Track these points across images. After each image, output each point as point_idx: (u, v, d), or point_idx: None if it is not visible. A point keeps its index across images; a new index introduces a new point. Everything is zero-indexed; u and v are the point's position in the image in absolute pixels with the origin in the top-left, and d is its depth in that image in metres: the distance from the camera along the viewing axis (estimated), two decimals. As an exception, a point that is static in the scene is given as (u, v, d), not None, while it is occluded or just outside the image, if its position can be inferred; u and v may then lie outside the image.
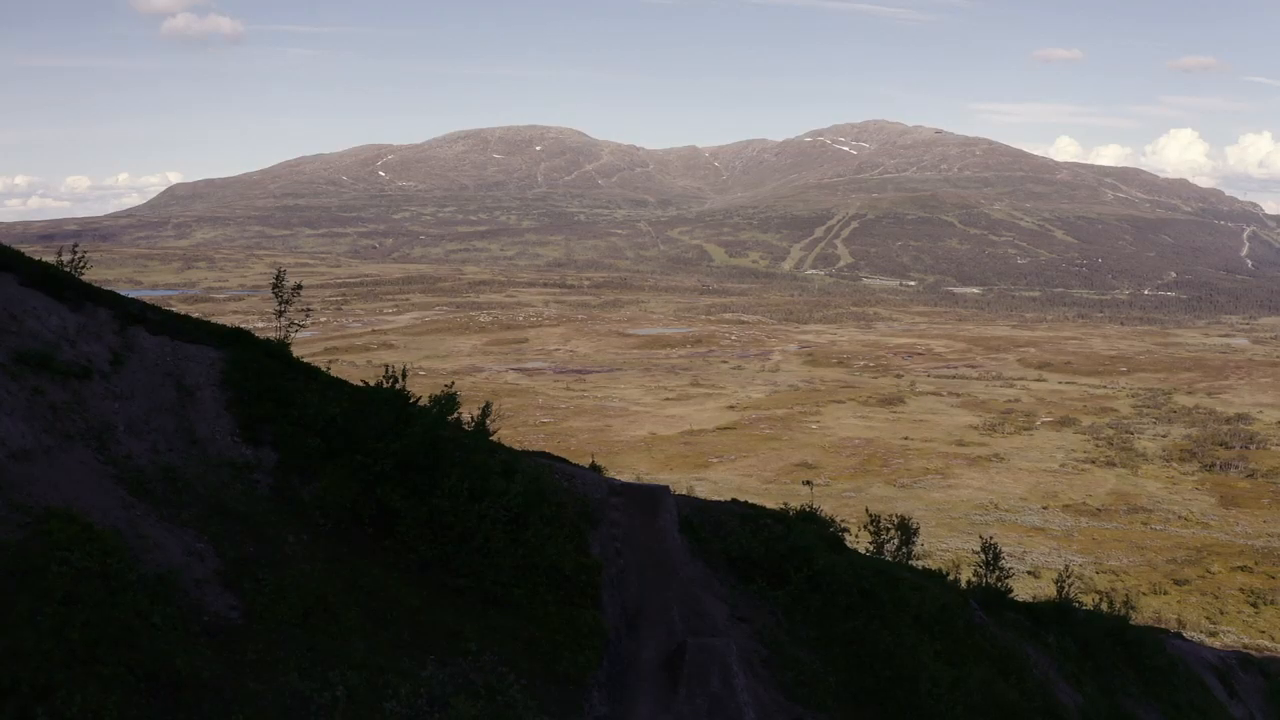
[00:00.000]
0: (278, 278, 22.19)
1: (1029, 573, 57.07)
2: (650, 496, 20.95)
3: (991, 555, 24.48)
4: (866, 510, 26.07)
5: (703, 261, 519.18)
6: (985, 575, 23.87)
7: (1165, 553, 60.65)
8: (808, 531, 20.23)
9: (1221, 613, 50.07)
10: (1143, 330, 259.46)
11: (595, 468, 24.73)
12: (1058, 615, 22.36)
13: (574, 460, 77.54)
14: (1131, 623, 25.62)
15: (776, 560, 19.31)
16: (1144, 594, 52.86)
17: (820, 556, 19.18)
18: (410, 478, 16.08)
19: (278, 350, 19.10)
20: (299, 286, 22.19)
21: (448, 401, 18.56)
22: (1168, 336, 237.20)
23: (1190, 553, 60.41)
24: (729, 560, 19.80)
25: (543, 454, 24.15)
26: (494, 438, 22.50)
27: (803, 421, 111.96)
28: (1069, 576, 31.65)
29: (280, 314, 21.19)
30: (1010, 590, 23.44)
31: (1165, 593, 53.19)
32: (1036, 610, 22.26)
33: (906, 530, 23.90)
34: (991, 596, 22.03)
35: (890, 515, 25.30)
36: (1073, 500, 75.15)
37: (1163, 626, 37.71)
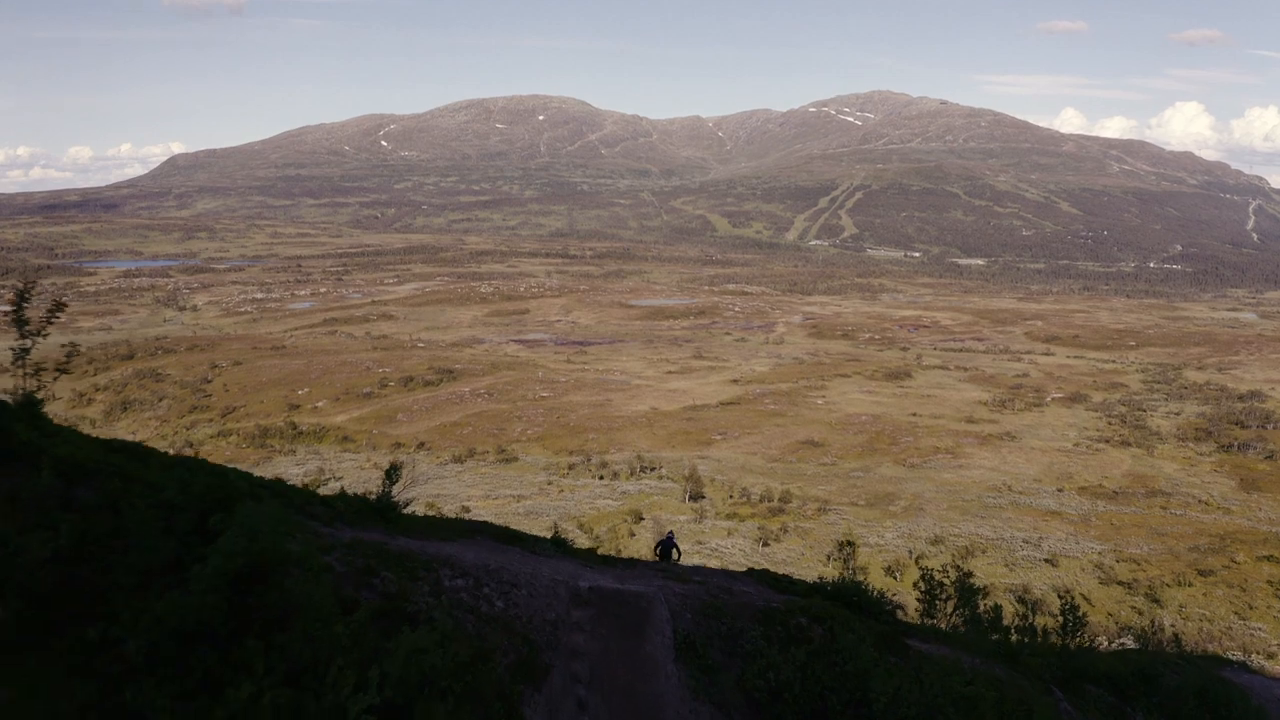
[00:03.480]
0: (20, 294, 11.89)
1: (1046, 561, 54.93)
2: (633, 609, 14.17)
3: (1072, 619, 19.48)
4: (916, 562, 23.59)
5: (706, 232, 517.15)
6: (1065, 639, 19.17)
7: (1187, 540, 58.38)
8: (858, 636, 14.34)
9: (1250, 607, 47.84)
10: (1149, 303, 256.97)
11: (557, 542, 18.07)
12: (1143, 684, 18.46)
13: (572, 438, 74.80)
14: (1214, 674, 22.08)
15: (818, 693, 13.30)
16: (1168, 585, 50.74)
17: (878, 681, 13.35)
18: (195, 660, 8.36)
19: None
20: (61, 305, 12.16)
21: (264, 516, 9.28)
22: (1175, 310, 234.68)
23: (1213, 540, 58.11)
24: (748, 698, 13.56)
25: (480, 527, 17.96)
26: (411, 507, 16.57)
27: (807, 396, 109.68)
28: (1153, 633, 28.32)
29: (20, 359, 11.58)
30: (1094, 663, 19.12)
31: (1190, 584, 50.92)
32: (1119, 681, 18.49)
33: (967, 592, 19.36)
34: (1072, 669, 17.93)
35: (941, 568, 21.80)
36: (1088, 482, 72.82)
37: (1226, 656, 35.34)
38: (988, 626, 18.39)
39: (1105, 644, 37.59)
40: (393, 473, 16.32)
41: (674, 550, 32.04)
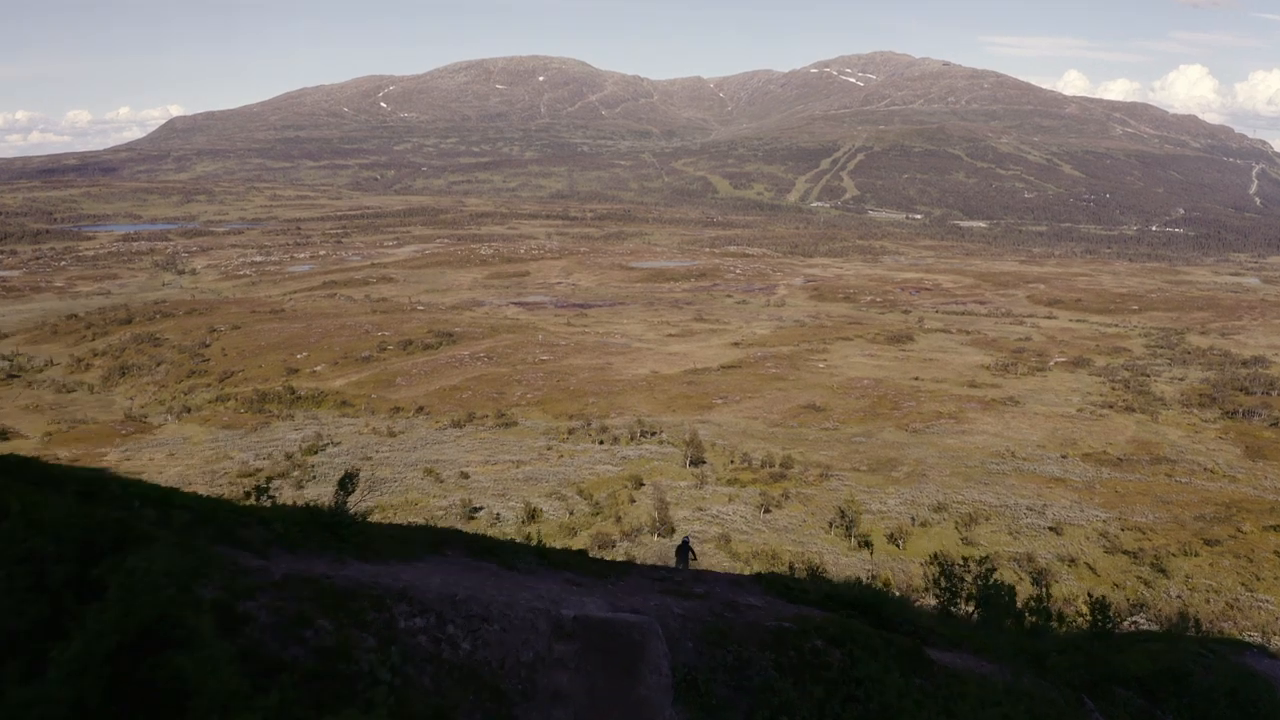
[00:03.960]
0: None
1: (1051, 529, 54.36)
2: (624, 642, 11.59)
3: (1101, 617, 18.20)
4: (934, 557, 22.43)
5: (707, 193, 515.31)
6: (1095, 639, 18.02)
7: (1192, 508, 57.77)
8: (881, 664, 12.37)
9: (1257, 578, 47.22)
10: (1152, 267, 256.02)
11: (540, 551, 15.64)
12: (1173, 684, 17.21)
13: (572, 402, 74.05)
14: (1244, 669, 20.84)
15: None
16: (1174, 555, 50.14)
17: (909, 715, 11.38)
18: None
19: None
20: None
21: (163, 562, 7.00)
22: (1178, 274, 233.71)
23: (1219, 509, 57.48)
24: None
25: (450, 536, 15.36)
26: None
27: (809, 360, 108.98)
28: (1178, 626, 27.20)
29: None
30: (1123, 663, 17.86)
31: (1196, 554, 50.30)
32: (1149, 682, 17.30)
33: (990, 590, 17.91)
34: (1100, 671, 16.68)
35: (960, 561, 20.69)
36: (1093, 449, 72.13)
37: (1245, 638, 34.62)
38: (1003, 610, 17.28)
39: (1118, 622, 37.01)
40: (347, 482, 14.06)
41: (690, 553, 33.39)
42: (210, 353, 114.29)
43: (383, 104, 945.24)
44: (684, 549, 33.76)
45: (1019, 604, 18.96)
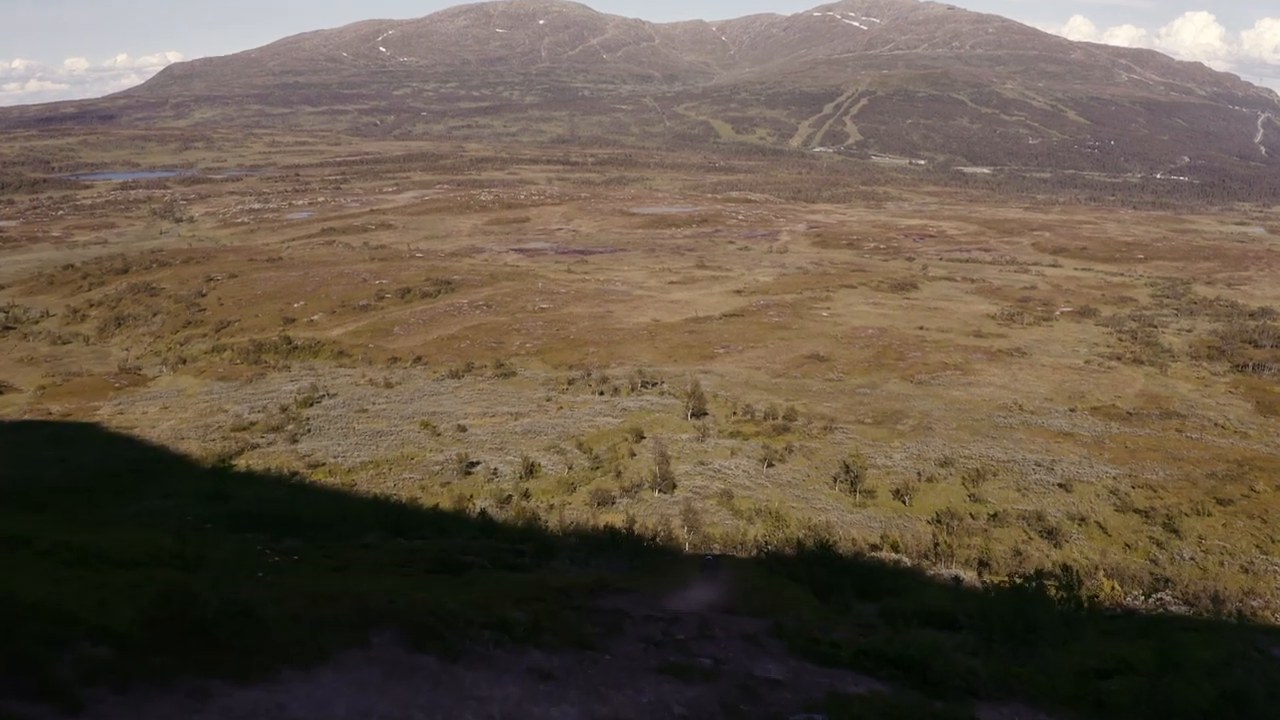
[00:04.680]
0: None
1: (1060, 485, 53.31)
2: None
3: (1170, 650, 16.23)
4: (981, 568, 21.36)
5: (709, 138, 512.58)
6: (1158, 682, 15.96)
7: (1204, 465, 56.51)
8: None
9: (1272, 541, 46.04)
10: (1157, 215, 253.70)
11: (501, 625, 12.49)
12: (1236, 710, 15.48)
13: (572, 352, 73.04)
14: None
15: None
16: (1186, 515, 49.04)
17: None
18: None
19: None
20: None
21: None
22: (1182, 223, 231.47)
23: (1230, 466, 56.23)
24: None
25: (385, 612, 12.86)
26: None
27: (812, 308, 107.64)
28: (1216, 607, 25.82)
29: None
30: (1183, 694, 15.95)
31: (1209, 514, 49.14)
32: (1212, 715, 15.53)
33: (1038, 611, 15.77)
34: (1162, 707, 14.66)
35: (1006, 579, 19.26)
36: (1101, 402, 70.76)
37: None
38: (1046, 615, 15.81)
39: (1142, 600, 35.92)
40: (247, 620, 9.47)
41: (716, 566, 34.28)
42: (206, 302, 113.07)
43: (382, 48, 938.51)
44: (711, 564, 33.69)
45: (1044, 580, 17.74)
